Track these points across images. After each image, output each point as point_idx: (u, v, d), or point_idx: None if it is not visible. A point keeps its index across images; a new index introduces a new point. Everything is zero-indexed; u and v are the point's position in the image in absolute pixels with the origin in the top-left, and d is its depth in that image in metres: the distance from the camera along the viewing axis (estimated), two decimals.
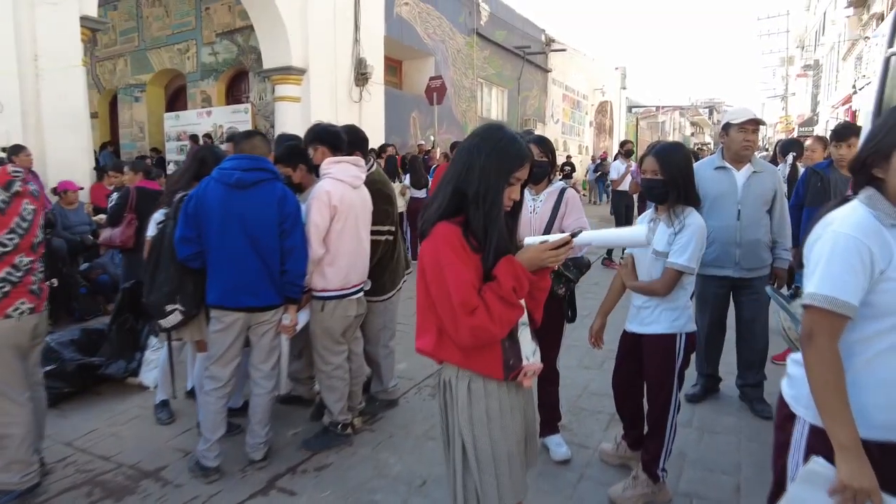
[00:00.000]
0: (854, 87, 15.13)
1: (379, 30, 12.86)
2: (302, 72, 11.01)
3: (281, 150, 3.24)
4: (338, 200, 2.84)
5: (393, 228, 3.31)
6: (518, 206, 1.69)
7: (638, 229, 2.14)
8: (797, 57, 41.97)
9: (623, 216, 8.63)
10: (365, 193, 3.06)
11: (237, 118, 11.66)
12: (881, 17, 19.20)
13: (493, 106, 19.56)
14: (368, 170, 3.27)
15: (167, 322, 2.89)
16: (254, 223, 2.71)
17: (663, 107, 52.65)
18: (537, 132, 21.36)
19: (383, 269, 3.31)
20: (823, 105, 31.99)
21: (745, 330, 3.48)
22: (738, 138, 3.25)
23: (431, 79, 13.48)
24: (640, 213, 6.37)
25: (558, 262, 1.65)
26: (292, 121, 11.10)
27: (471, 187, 1.57)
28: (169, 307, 2.86)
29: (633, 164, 7.84)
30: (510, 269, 1.56)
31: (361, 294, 3.10)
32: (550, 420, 3.00)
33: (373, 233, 3.14)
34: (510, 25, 19.41)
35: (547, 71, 22.85)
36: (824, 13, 33.85)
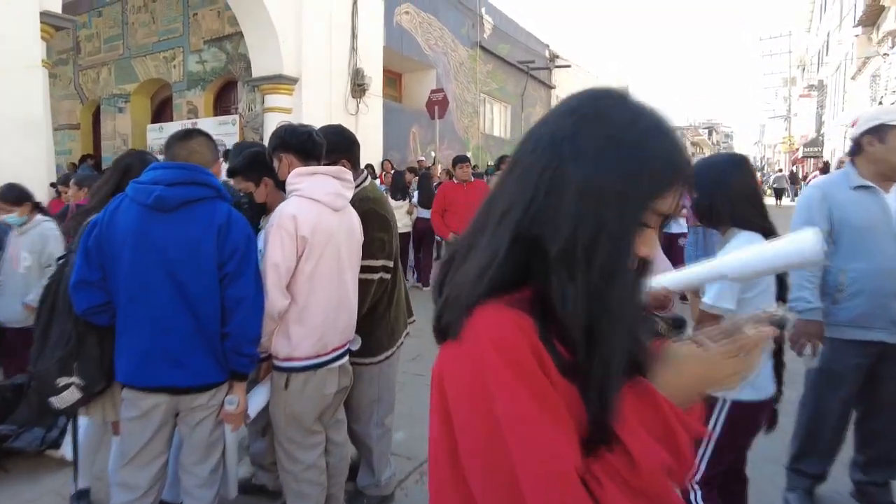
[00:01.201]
0: (881, 102, 14.36)
1: (377, 39, 12.12)
2: (294, 81, 10.23)
3: (240, 160, 2.38)
4: (309, 229, 1.96)
5: (390, 263, 2.40)
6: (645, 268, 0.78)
7: (801, 238, 1.13)
8: (799, 77, 41.65)
9: None
10: (352, 218, 2.22)
11: (224, 131, 10.83)
12: (895, 35, 18.65)
13: (496, 122, 18.83)
14: (359, 185, 2.41)
15: (60, 402, 2.00)
16: (181, 261, 1.83)
17: None
18: None
19: (378, 320, 2.40)
20: (829, 125, 31.46)
21: (890, 413, 2.48)
22: None
23: (433, 92, 12.72)
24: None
25: (750, 374, 0.77)
26: None
27: (559, 230, 0.70)
28: (62, 380, 1.97)
29: None
30: (659, 418, 0.68)
31: (346, 359, 2.21)
32: None
33: (363, 269, 2.29)
34: (514, 39, 18.78)
35: (551, 87, 22.21)
36: (828, 34, 33.51)
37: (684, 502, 0.76)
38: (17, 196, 3.46)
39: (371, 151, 11.70)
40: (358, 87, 11.39)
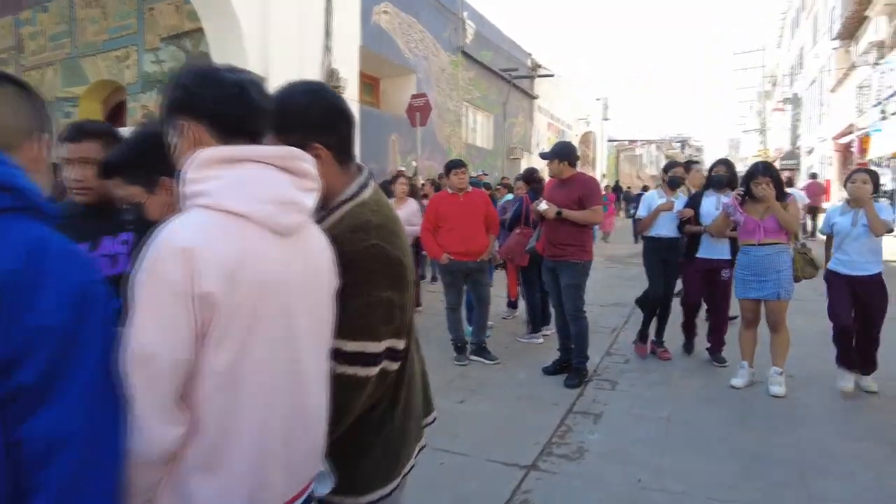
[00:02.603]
0: (884, 112, 13.87)
1: (354, 38, 11.15)
2: (261, 80, 9.16)
3: (121, 149, 1.36)
4: (219, 278, 0.93)
5: (400, 344, 1.33)
6: None
7: None
8: (772, 91, 41.99)
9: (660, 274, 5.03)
10: (314, 248, 1.17)
11: None
12: (882, 45, 18.43)
13: (479, 131, 17.97)
14: (351, 196, 1.36)
15: None
16: None
17: (640, 140, 52.39)
18: (523, 162, 19.95)
19: (370, 437, 1.34)
20: (806, 137, 31.48)
21: None
22: None
23: (414, 97, 11.77)
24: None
25: None
26: None
27: None
28: None
29: (729, 197, 4.43)
30: None
31: None
32: None
33: (346, 357, 1.23)
34: (496, 46, 18.00)
35: (533, 97, 21.49)
36: (801, 48, 33.72)
37: None
38: None
39: None
40: (333, 89, 10.36)
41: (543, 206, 4.36)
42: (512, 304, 6.56)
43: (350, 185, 1.37)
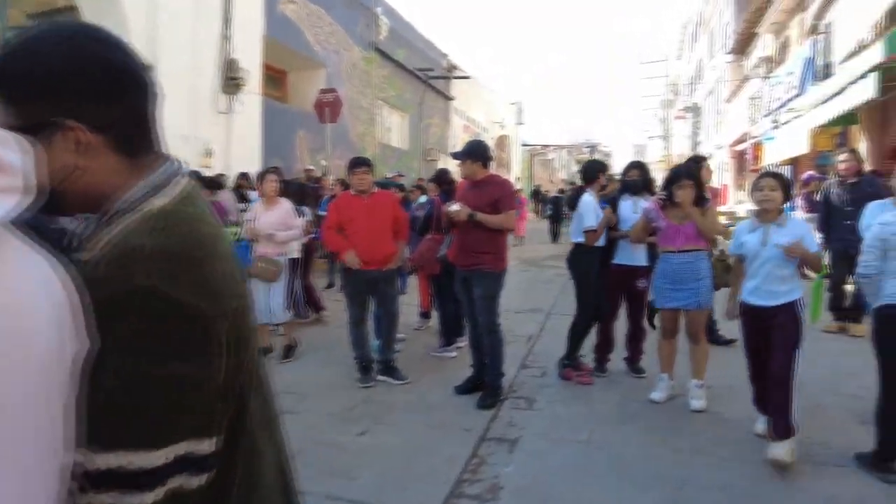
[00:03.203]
0: (776, 122, 14.70)
1: (256, 27, 10.36)
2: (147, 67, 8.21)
3: None
4: None
5: (206, 448, 0.77)
6: None
7: None
8: (675, 100, 44.47)
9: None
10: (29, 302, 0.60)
11: None
12: (770, 60, 19.74)
13: (395, 131, 17.49)
14: (137, 202, 0.83)
15: None
16: None
17: (552, 145, 53.92)
18: (440, 164, 19.68)
19: None
20: (705, 144, 33.44)
21: None
22: None
23: (322, 91, 11.12)
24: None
25: None
26: None
27: None
28: None
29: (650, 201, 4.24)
30: None
31: None
32: None
33: (88, 481, 0.68)
34: (411, 45, 17.59)
35: (449, 98, 21.29)
36: (699, 61, 35.84)
37: None
38: None
39: (248, 157, 9.87)
40: (231, 81, 9.55)
41: (455, 207, 3.97)
42: (425, 315, 6.14)
43: (134, 187, 0.86)
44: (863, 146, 11.74)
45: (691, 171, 4.00)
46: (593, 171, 4.62)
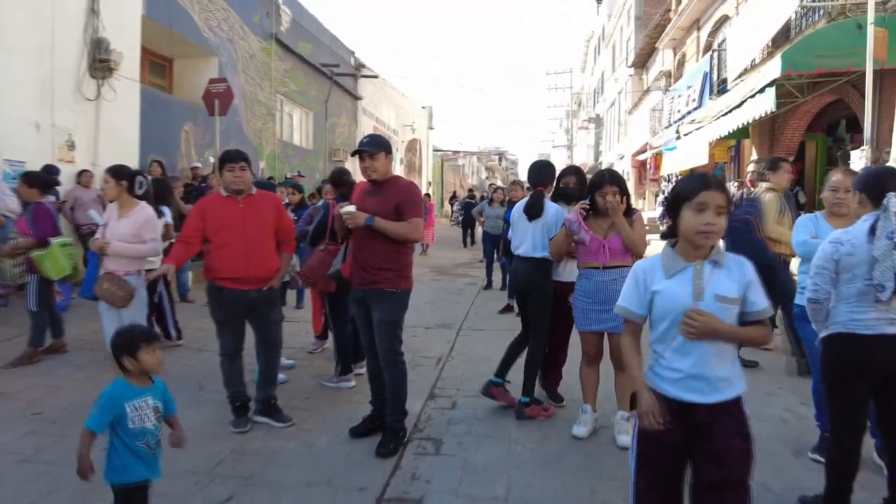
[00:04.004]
0: (678, 133, 15.14)
1: (133, 5, 9.10)
2: None
3: None
4: None
5: None
6: None
7: None
8: (578, 111, 46.05)
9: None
10: None
11: None
12: (669, 75, 20.62)
13: (297, 129, 16.41)
14: None
15: None
16: None
17: (462, 151, 54.25)
18: (347, 165, 18.79)
19: None
20: (607, 154, 34.70)
21: None
22: None
23: (212, 81, 10.02)
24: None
25: None
26: None
27: None
28: None
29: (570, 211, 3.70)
30: None
31: None
32: None
33: None
34: (316, 39, 16.62)
35: (357, 98, 20.44)
36: (602, 73, 37.27)
37: None
38: None
39: (122, 151, 8.62)
40: (101, 63, 8.28)
41: (349, 208, 3.28)
42: (321, 336, 5.38)
43: None
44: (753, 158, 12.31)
45: (616, 176, 3.54)
46: (550, 172, 4.05)
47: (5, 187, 6.18)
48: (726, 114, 10.94)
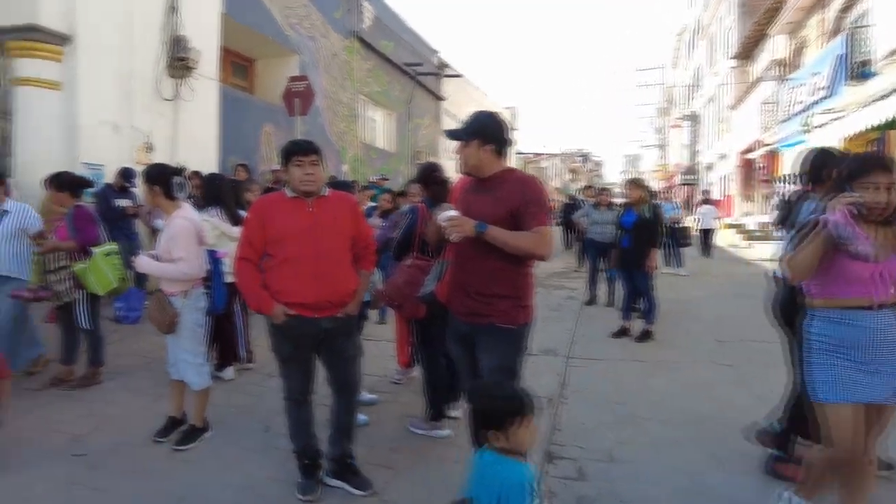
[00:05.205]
0: (807, 125, 13.30)
1: (212, 1, 8.76)
2: (62, 39, 6.62)
3: None
4: None
5: None
6: None
7: None
8: (670, 108, 43.39)
9: None
10: None
11: None
12: (782, 64, 18.47)
13: (380, 131, 15.92)
14: None
15: None
16: None
17: (545, 153, 52.77)
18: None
19: None
20: (705, 154, 32.19)
21: None
22: None
23: (292, 80, 9.54)
24: None
25: None
26: (49, 119, 6.64)
27: None
28: None
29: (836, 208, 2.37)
30: None
31: None
32: None
33: None
34: (398, 37, 16.08)
35: (440, 98, 19.77)
36: (697, 68, 34.73)
37: None
38: None
39: (200, 152, 8.25)
40: (179, 62, 7.94)
41: (451, 214, 2.38)
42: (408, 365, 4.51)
43: None
44: None
45: (889, 162, 2.29)
46: (822, 167, 2.91)
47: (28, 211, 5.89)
48: (878, 100, 9.20)
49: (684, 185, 34.84)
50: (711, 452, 3.28)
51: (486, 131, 2.47)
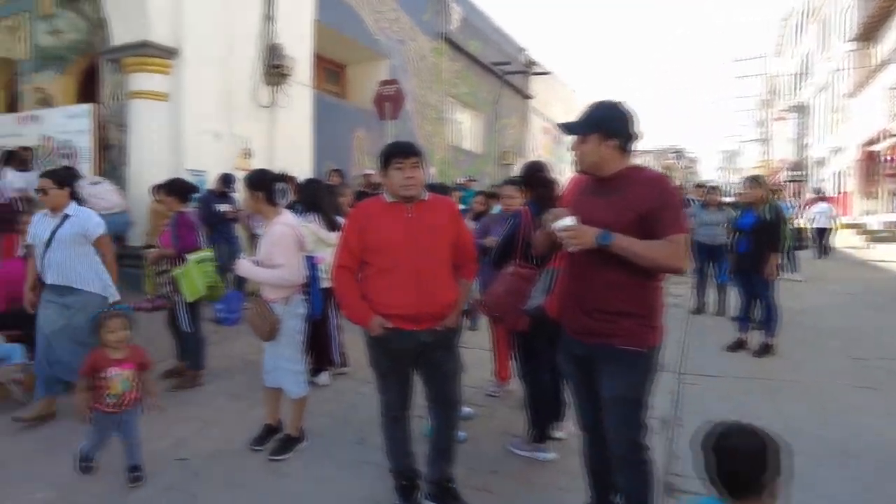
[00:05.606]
0: None
1: (306, 10, 8.94)
2: (170, 53, 6.95)
3: None
4: None
5: None
6: None
7: None
8: (772, 100, 40.29)
9: None
10: None
11: (75, 126, 7.47)
12: None
13: (467, 132, 15.78)
14: None
15: None
16: None
17: (638, 150, 50.75)
18: (517, 169, 17.82)
19: None
20: (816, 147, 29.58)
21: None
22: None
23: (383, 83, 9.57)
24: None
25: None
26: (157, 129, 6.99)
27: None
28: None
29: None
30: None
31: None
32: None
33: None
34: (486, 37, 15.87)
35: (527, 97, 19.37)
36: (806, 54, 31.97)
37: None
38: None
39: (296, 157, 8.43)
40: (274, 69, 8.15)
41: (568, 221, 2.10)
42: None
43: None
44: None
45: None
46: None
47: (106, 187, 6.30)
48: None
49: (791, 181, 32.20)
50: (863, 494, 2.80)
51: (609, 124, 2.16)
